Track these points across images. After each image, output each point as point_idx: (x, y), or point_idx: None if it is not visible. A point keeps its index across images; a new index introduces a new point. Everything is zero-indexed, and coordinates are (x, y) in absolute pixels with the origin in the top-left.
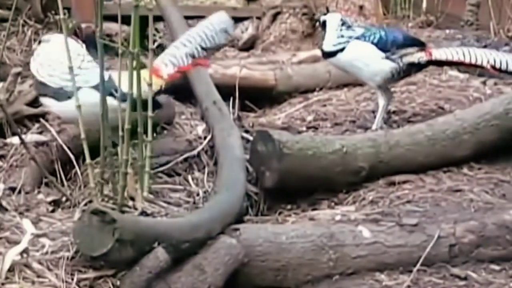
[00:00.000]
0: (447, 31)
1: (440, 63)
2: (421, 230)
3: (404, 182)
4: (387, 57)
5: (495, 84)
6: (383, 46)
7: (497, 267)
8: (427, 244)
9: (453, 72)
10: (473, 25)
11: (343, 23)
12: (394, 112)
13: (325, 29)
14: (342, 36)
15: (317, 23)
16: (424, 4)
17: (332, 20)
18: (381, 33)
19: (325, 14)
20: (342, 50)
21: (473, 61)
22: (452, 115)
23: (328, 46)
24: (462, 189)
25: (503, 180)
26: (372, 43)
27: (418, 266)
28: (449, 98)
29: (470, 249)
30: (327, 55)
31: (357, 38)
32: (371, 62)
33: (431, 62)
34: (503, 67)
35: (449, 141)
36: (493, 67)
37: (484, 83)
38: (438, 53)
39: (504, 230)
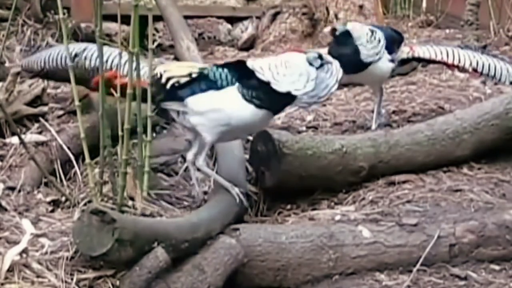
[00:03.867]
0: (447, 30)
1: (422, 60)
2: (421, 230)
3: (404, 182)
4: (391, 59)
5: (495, 84)
6: (388, 47)
7: (497, 267)
8: (427, 244)
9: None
10: (473, 25)
11: (372, 33)
12: (394, 112)
13: (347, 39)
14: (374, 48)
15: (333, 32)
16: (424, 4)
17: (359, 31)
18: (384, 34)
19: (344, 24)
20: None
21: (455, 62)
22: (452, 115)
23: (367, 57)
24: (462, 189)
25: (503, 180)
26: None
27: (418, 266)
28: (449, 97)
29: (470, 249)
30: (365, 65)
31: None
32: (383, 66)
33: (414, 58)
34: (485, 71)
35: (449, 141)
36: (475, 70)
37: (484, 82)
38: (422, 51)
39: (504, 230)
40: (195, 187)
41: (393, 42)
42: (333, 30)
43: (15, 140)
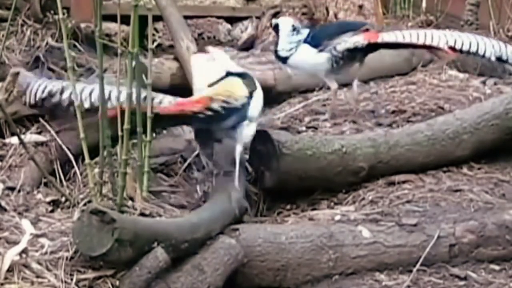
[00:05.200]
0: (447, 30)
1: (389, 46)
2: (420, 230)
3: (404, 182)
4: (320, 51)
5: (495, 84)
6: (316, 42)
7: (497, 267)
8: (427, 244)
9: (453, 72)
10: (473, 25)
11: (294, 29)
12: (394, 112)
13: (278, 33)
14: (291, 42)
15: (271, 25)
16: (424, 4)
17: (284, 25)
18: (314, 32)
19: (277, 18)
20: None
21: (427, 42)
22: (451, 115)
23: (283, 52)
24: (462, 189)
25: (503, 180)
26: (305, 42)
27: (418, 266)
28: (448, 97)
29: (470, 249)
30: (282, 60)
31: (303, 41)
32: (308, 59)
33: (377, 45)
34: (465, 47)
35: (448, 141)
36: (452, 48)
37: (484, 82)
38: (387, 36)
39: (504, 230)
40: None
41: (324, 36)
42: (270, 24)
43: (14, 140)
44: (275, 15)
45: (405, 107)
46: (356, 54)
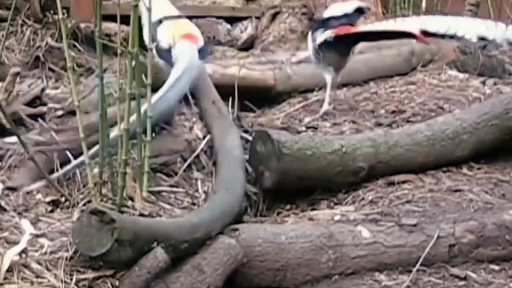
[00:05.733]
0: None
1: (365, 38)
2: (420, 230)
3: (404, 182)
4: (313, 41)
5: (495, 84)
6: (312, 33)
7: (496, 267)
8: (427, 244)
9: (453, 72)
10: None
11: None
12: (393, 112)
13: None
14: None
15: None
16: (424, 4)
17: None
18: (315, 23)
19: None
20: None
21: (398, 28)
22: (451, 115)
23: None
24: (462, 189)
25: (503, 180)
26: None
27: (417, 266)
28: (448, 98)
29: (470, 249)
30: None
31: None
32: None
33: (350, 37)
34: (441, 31)
35: (448, 141)
36: (425, 32)
37: (483, 82)
38: (363, 27)
39: (504, 230)
40: None
41: (315, 28)
42: None
43: (14, 140)
44: (275, 15)
45: (405, 107)
46: (330, 48)
